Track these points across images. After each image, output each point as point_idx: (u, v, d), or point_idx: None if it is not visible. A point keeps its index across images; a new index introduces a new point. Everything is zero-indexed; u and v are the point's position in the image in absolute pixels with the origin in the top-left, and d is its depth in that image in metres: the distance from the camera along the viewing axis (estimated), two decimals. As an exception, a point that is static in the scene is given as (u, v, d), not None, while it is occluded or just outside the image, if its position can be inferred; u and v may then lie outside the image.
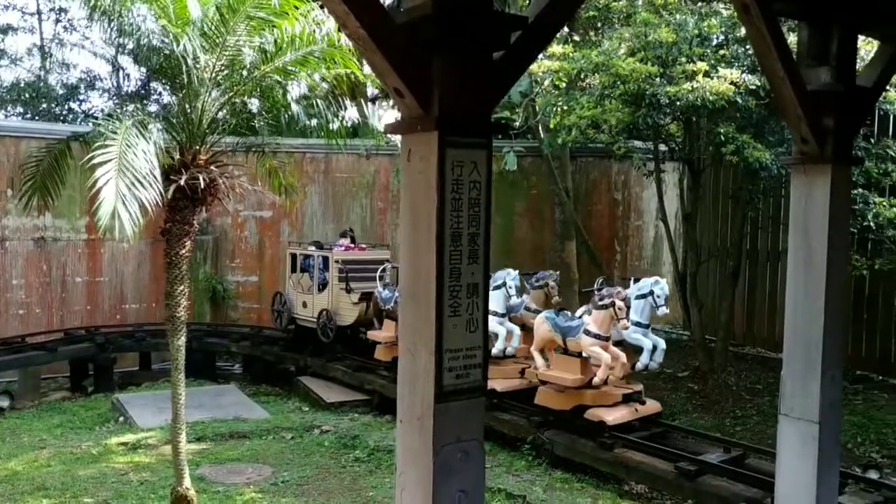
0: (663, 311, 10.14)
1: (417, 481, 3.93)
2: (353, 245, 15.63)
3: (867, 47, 8.61)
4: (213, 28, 7.12)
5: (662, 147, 13.22)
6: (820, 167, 5.91)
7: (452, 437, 3.90)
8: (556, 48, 11.71)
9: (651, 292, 10.00)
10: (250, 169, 9.97)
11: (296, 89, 8.13)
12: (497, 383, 10.88)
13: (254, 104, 8.28)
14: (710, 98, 9.63)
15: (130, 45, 7.24)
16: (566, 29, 14.88)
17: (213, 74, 7.28)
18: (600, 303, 9.66)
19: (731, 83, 9.86)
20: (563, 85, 11.79)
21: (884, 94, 10.25)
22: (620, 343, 10.04)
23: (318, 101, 7.80)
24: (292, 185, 9.80)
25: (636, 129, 11.19)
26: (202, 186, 7.09)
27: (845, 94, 5.89)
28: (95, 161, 5.97)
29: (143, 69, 7.82)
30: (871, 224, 10.37)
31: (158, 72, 7.50)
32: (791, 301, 6.14)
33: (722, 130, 10.33)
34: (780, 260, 13.31)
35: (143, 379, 15.81)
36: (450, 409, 3.88)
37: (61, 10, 23.76)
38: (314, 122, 8.40)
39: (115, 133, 6.12)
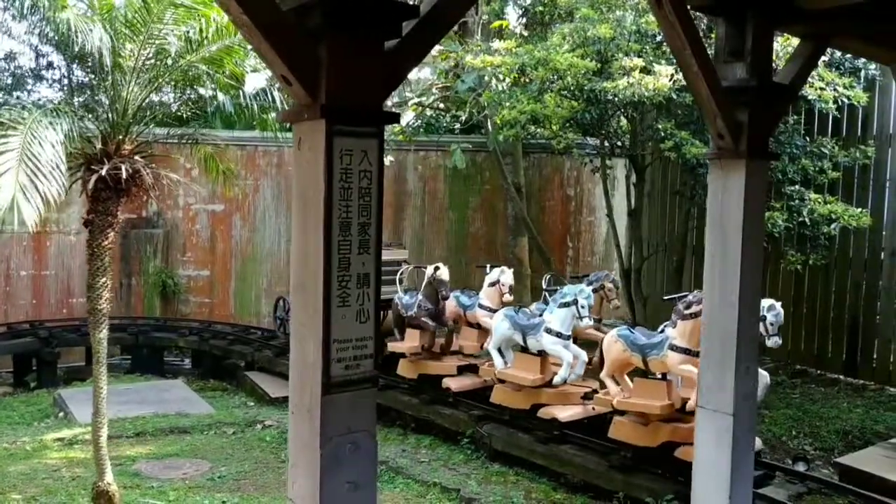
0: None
1: (306, 473, 3.90)
2: None
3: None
4: (136, 16, 7.00)
5: (609, 143, 13.30)
6: (735, 162, 5.98)
7: (342, 428, 3.87)
8: (501, 43, 11.74)
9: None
10: (197, 159, 9.88)
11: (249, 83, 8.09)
12: (557, 410, 9.49)
13: (191, 92, 8.19)
14: (647, 94, 9.71)
15: (50, 32, 7.10)
16: (514, 24, 14.96)
17: (137, 63, 7.16)
18: (687, 311, 8.07)
19: (669, 78, 9.94)
20: (509, 80, 11.80)
21: (819, 93, 10.41)
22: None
23: (244, 90, 7.72)
24: (231, 171, 9.66)
25: (579, 124, 11.23)
26: (125, 177, 6.97)
27: (761, 90, 5.95)
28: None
29: (65, 57, 7.64)
30: (807, 220, 10.53)
31: (80, 60, 7.36)
32: (708, 295, 6.21)
33: (661, 126, 10.42)
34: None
35: (89, 374, 15.42)
36: (339, 400, 3.85)
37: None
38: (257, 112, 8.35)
39: (20, 123, 5.97)
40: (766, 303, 8.35)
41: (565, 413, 9.46)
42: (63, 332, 15.71)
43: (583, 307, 9.09)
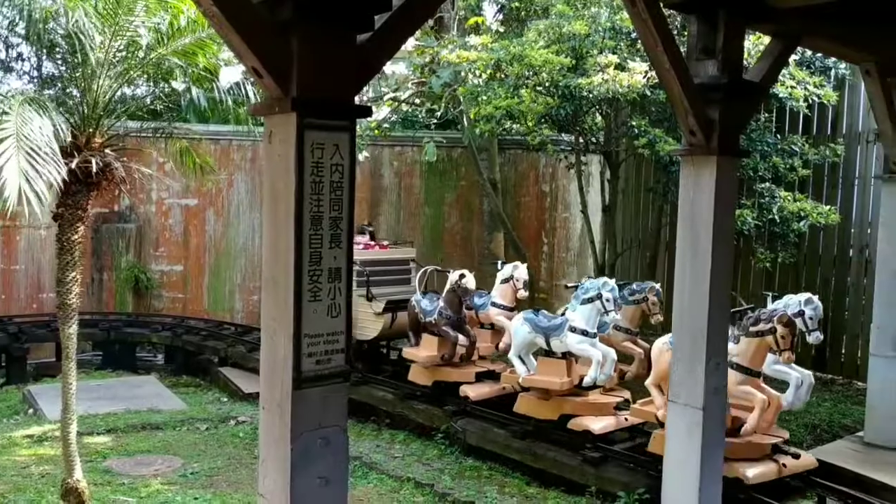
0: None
1: (277, 468, 3.90)
2: (372, 243, 13.25)
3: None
4: (107, 7, 6.90)
5: (584, 139, 13.37)
6: (706, 158, 6.06)
7: (313, 423, 3.87)
8: (477, 39, 11.76)
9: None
10: (171, 154, 9.78)
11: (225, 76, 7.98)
12: (590, 422, 8.89)
13: (164, 86, 8.10)
14: (622, 91, 9.77)
15: (21, 23, 6.99)
16: (490, 20, 14.99)
17: (108, 55, 7.06)
18: (753, 328, 7.42)
19: (643, 75, 10.01)
20: (485, 76, 11.81)
21: (790, 91, 10.54)
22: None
23: (218, 84, 7.65)
24: (207, 163, 9.56)
25: (554, 120, 11.28)
26: (95, 171, 6.88)
27: (732, 88, 6.04)
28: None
29: (35, 49, 7.52)
30: (776, 217, 10.66)
31: (51, 51, 7.25)
32: (679, 290, 6.29)
33: (635, 123, 10.50)
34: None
35: (59, 370, 15.05)
36: (310, 394, 3.85)
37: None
38: (229, 105, 8.27)
39: (10, 110, 5.86)
40: (802, 297, 8.29)
41: (599, 424, 8.84)
42: (33, 328, 15.45)
43: (608, 300, 8.58)
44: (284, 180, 3.75)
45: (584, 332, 8.66)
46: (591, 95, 10.23)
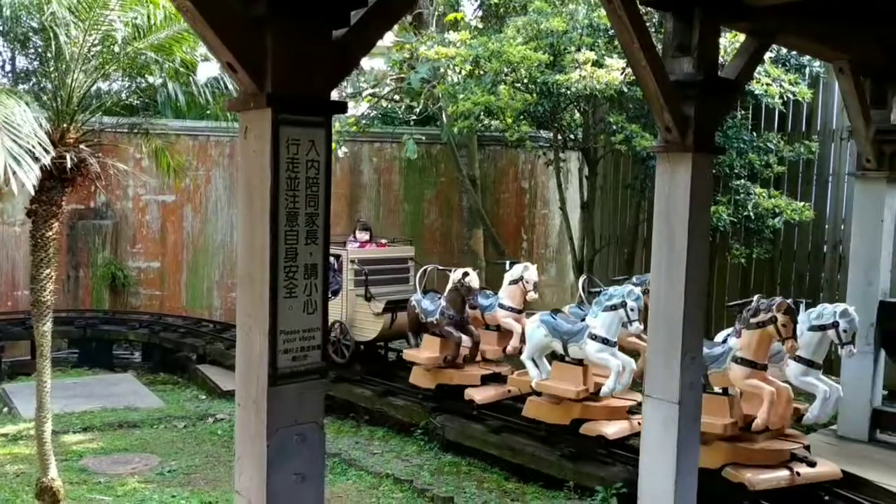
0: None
1: (253, 465, 3.89)
2: (369, 240, 12.60)
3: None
4: (83, 0, 6.83)
5: (562, 136, 13.43)
6: (682, 155, 6.10)
7: (289, 420, 3.87)
8: (455, 35, 11.75)
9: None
10: (148, 150, 9.68)
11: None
12: (604, 426, 8.63)
13: (140, 81, 8.03)
14: (599, 87, 9.82)
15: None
16: (469, 16, 15.00)
17: (83, 50, 6.99)
18: (753, 320, 7.38)
19: (621, 72, 10.06)
20: (464, 72, 11.82)
21: (766, 88, 10.65)
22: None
23: (195, 79, 7.59)
24: (181, 165, 9.49)
25: (532, 116, 11.30)
26: (69, 167, 6.81)
27: (707, 85, 6.09)
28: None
29: (8, 43, 7.43)
30: (751, 214, 10.77)
31: (24, 45, 7.17)
32: (654, 286, 6.34)
33: (612, 120, 10.55)
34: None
35: (35, 368, 14.95)
36: (286, 391, 3.85)
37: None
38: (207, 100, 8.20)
39: None
40: (838, 308, 7.79)
41: (612, 429, 8.61)
42: (7, 326, 15.28)
43: (632, 310, 8.12)
44: (260, 176, 3.74)
45: (605, 341, 8.27)
46: (568, 92, 10.28)
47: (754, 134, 11.69)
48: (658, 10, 8.07)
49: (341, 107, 4.16)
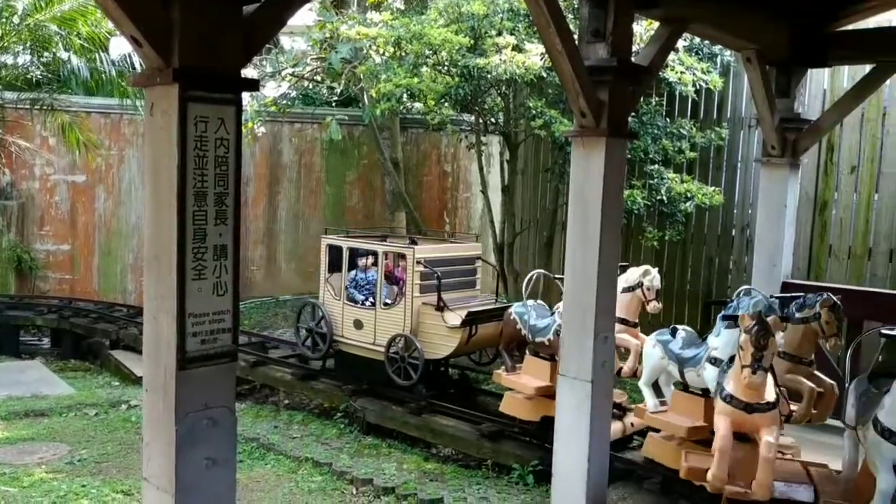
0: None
1: (161, 451, 3.82)
2: (400, 265, 10.27)
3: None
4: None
5: (483, 120, 13.49)
6: (596, 140, 6.22)
7: (198, 404, 3.80)
8: (378, 15, 11.64)
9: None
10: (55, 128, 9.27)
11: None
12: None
13: (44, 55, 7.66)
14: (519, 72, 9.90)
15: None
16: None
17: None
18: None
19: (540, 57, 10.16)
20: (387, 54, 11.72)
21: (680, 76, 10.93)
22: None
23: (104, 55, 7.30)
24: (91, 142, 9.13)
25: (454, 99, 11.32)
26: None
27: (621, 70, 6.21)
28: None
29: None
30: (665, 198, 11.08)
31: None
32: (569, 268, 6.46)
33: (532, 104, 10.66)
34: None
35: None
36: (195, 375, 3.77)
37: None
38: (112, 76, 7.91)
39: None
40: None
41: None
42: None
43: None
44: (167, 154, 3.64)
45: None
46: (489, 76, 10.33)
47: (668, 120, 11.99)
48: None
49: (252, 84, 4.08)
